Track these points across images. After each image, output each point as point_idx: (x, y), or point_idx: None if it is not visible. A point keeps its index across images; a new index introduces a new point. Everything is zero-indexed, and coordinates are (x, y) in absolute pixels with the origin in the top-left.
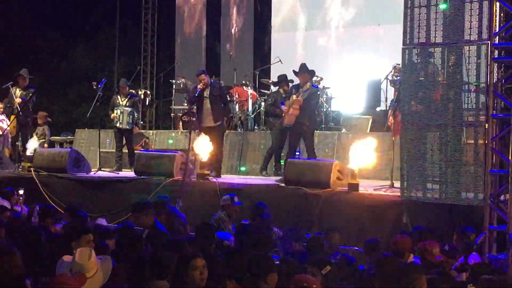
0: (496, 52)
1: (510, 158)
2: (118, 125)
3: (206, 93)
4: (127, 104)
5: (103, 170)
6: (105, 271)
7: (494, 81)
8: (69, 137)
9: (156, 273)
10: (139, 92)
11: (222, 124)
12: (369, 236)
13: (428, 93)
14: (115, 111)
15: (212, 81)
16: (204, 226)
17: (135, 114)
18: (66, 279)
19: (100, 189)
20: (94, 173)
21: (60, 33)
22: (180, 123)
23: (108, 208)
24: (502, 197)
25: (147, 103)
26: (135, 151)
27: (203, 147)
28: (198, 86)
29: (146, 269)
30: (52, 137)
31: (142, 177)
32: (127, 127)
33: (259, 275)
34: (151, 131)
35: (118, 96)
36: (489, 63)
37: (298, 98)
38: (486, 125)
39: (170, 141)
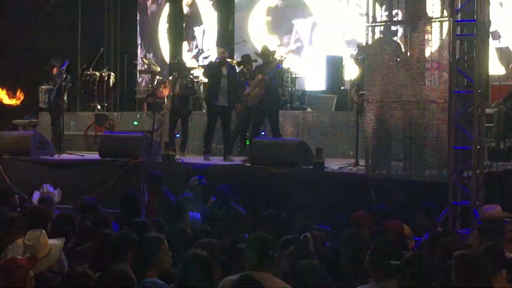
0: (458, 29)
1: (472, 134)
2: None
3: (225, 71)
4: (48, 83)
5: (68, 153)
6: (56, 250)
7: (457, 58)
8: (32, 120)
9: (115, 256)
10: (103, 74)
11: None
12: (335, 213)
13: (391, 71)
14: None
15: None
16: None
17: (55, 93)
18: (16, 261)
19: (64, 171)
20: (58, 156)
21: (19, 13)
22: (145, 104)
23: (73, 190)
24: (465, 173)
25: (111, 85)
26: (99, 134)
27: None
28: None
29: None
30: (15, 120)
31: (106, 159)
32: (43, 106)
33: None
34: (115, 113)
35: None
36: (451, 40)
37: (264, 78)
38: (449, 101)
39: (135, 123)
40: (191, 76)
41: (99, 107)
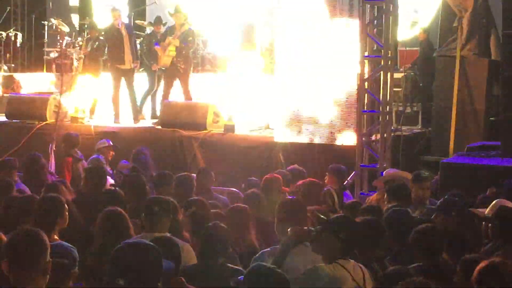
0: None
1: (381, 98)
2: None
3: (124, 32)
4: None
5: None
6: None
7: (366, 22)
8: None
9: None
10: (9, 34)
11: None
12: (245, 177)
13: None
14: None
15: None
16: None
17: None
18: None
19: None
20: None
21: None
22: (54, 65)
23: None
24: (373, 137)
25: (17, 45)
26: (6, 95)
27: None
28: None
29: None
30: None
31: (14, 121)
32: None
33: None
34: (22, 74)
35: None
36: (361, 5)
37: (175, 40)
38: (359, 66)
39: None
40: (101, 38)
41: (5, 67)
